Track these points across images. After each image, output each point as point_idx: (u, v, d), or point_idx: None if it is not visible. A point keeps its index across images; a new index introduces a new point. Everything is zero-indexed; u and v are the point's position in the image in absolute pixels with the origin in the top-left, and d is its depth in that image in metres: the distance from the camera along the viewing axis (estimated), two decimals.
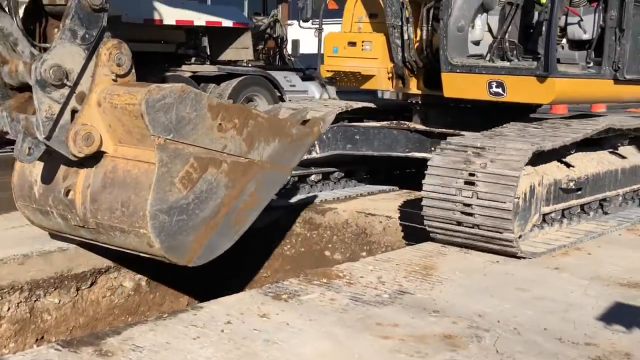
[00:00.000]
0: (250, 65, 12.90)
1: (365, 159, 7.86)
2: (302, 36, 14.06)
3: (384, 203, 7.45)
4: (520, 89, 6.19)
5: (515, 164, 5.18)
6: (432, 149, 7.32)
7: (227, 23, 12.09)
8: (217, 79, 11.40)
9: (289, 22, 14.91)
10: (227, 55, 12.45)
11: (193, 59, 11.85)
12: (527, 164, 5.35)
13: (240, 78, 11.47)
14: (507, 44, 6.31)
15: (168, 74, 10.60)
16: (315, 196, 7.47)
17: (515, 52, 6.32)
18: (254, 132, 4.79)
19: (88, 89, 4.38)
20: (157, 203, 4.29)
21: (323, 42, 7.88)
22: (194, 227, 4.54)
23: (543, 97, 6.18)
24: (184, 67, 11.32)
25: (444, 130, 7.19)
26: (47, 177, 4.75)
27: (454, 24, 6.50)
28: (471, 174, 5.24)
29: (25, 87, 4.40)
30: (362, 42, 7.53)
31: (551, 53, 5.85)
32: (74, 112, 4.34)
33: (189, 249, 4.56)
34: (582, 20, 6.42)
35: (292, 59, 14.80)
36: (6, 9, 4.11)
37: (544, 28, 5.99)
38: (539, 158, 5.70)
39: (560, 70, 6.08)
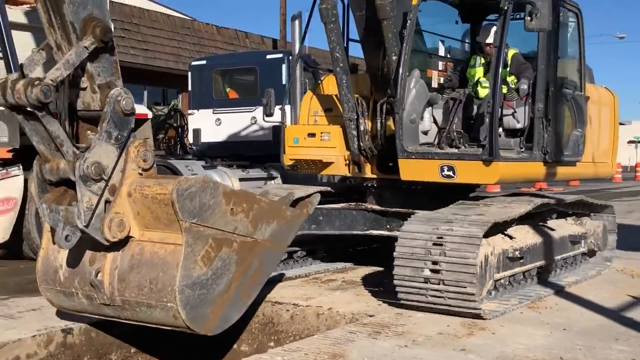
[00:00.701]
0: None
1: (325, 238, 8.61)
2: (203, 125, 14.19)
3: (291, 290, 7.45)
4: (469, 172, 7.16)
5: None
6: (388, 226, 8.23)
7: None
8: None
9: (190, 111, 14.80)
10: None
11: None
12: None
13: None
14: (454, 133, 7.31)
15: None
16: (282, 274, 8.14)
17: (461, 140, 7.31)
18: (258, 215, 5.52)
19: (119, 181, 5.03)
20: (184, 279, 4.93)
21: (284, 133, 8.67)
22: (212, 300, 5.18)
23: (488, 179, 7.17)
24: None
25: (398, 209, 8.06)
26: (73, 262, 5.31)
27: (406, 117, 7.45)
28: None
29: (61, 182, 5.01)
30: (321, 133, 8.40)
31: (495, 141, 6.86)
32: (107, 202, 4.98)
33: (208, 320, 5.18)
34: (515, 112, 7.50)
35: (194, 147, 14.72)
36: (55, 115, 4.75)
37: (486, 119, 7.02)
38: (488, 231, 6.62)
39: (502, 155, 7.08)
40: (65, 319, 6.01)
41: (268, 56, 14.12)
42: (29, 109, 4.63)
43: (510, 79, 7.70)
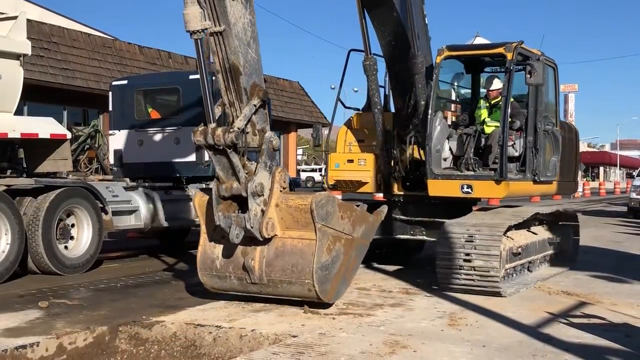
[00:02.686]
0: (69, 176, 12.32)
1: None
2: (124, 145, 13.70)
3: (214, 312, 7.47)
4: (483, 189, 9.55)
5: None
6: (412, 232, 10.57)
7: (44, 134, 11.33)
8: (35, 192, 10.60)
9: (111, 131, 14.05)
10: (45, 167, 11.61)
11: (8, 172, 11.16)
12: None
13: (59, 190, 10.69)
14: (471, 160, 9.70)
15: None
16: None
17: (476, 165, 9.71)
18: (355, 220, 7.78)
19: (268, 196, 7.22)
20: (317, 263, 7.15)
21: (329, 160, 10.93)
22: (331, 278, 7.41)
23: (499, 194, 9.59)
24: None
25: (421, 218, 10.41)
26: (228, 253, 7.48)
27: (433, 147, 9.81)
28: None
29: (228, 198, 7.18)
30: (358, 159, 10.70)
31: (505, 166, 9.27)
32: (262, 211, 7.16)
33: (329, 292, 7.41)
34: (514, 143, 9.93)
35: (115, 168, 14.10)
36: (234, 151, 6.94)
37: (496, 149, 9.41)
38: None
39: (509, 176, 9.49)
40: None
41: (191, 76, 13.50)
42: (222, 147, 6.81)
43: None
